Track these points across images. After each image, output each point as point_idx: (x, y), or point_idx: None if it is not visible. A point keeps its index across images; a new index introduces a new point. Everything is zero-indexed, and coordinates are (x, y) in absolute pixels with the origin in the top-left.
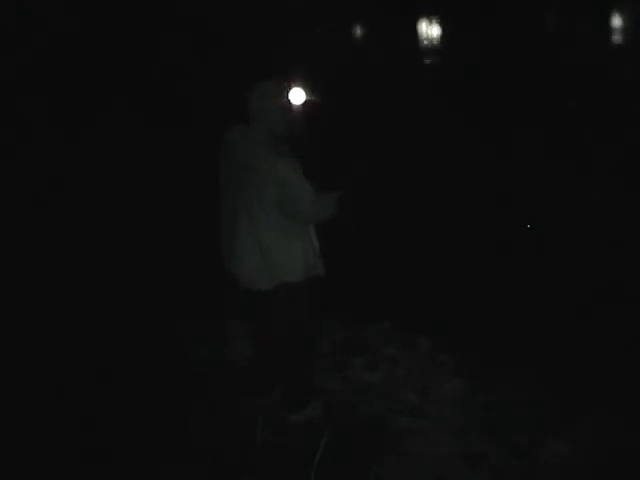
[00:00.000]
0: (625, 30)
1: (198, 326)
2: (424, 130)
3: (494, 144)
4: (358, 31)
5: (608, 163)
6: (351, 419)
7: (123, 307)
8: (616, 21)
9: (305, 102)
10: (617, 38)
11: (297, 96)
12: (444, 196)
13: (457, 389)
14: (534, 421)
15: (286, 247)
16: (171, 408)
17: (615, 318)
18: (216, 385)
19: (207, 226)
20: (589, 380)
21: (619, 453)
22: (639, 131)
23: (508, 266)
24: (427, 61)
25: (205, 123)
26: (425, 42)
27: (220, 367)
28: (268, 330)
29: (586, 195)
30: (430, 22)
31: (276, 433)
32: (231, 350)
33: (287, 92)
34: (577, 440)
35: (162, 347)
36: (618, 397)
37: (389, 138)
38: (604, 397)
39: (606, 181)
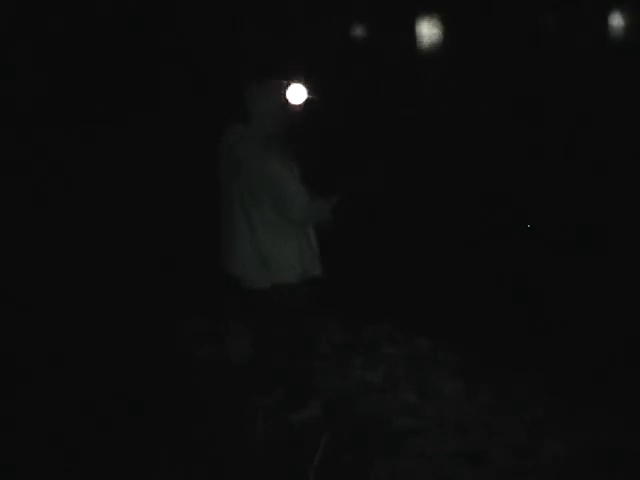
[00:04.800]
0: (625, 30)
1: (198, 326)
2: (423, 130)
3: (492, 144)
4: (358, 31)
5: (607, 163)
6: (351, 419)
7: (123, 307)
8: (616, 21)
9: (305, 101)
10: (617, 37)
11: (297, 95)
12: (444, 197)
13: (457, 389)
14: (534, 421)
15: (282, 247)
16: (171, 408)
17: (614, 318)
18: (216, 384)
19: (207, 226)
20: (589, 380)
21: (619, 453)
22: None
23: (508, 266)
24: (427, 61)
25: (207, 123)
26: (425, 42)
27: (220, 367)
28: (268, 330)
29: (585, 194)
30: (430, 22)
31: (276, 433)
32: (231, 350)
33: (285, 91)
34: (577, 440)
35: (162, 347)
36: (618, 397)
37: (388, 138)
38: (604, 397)
39: (605, 181)
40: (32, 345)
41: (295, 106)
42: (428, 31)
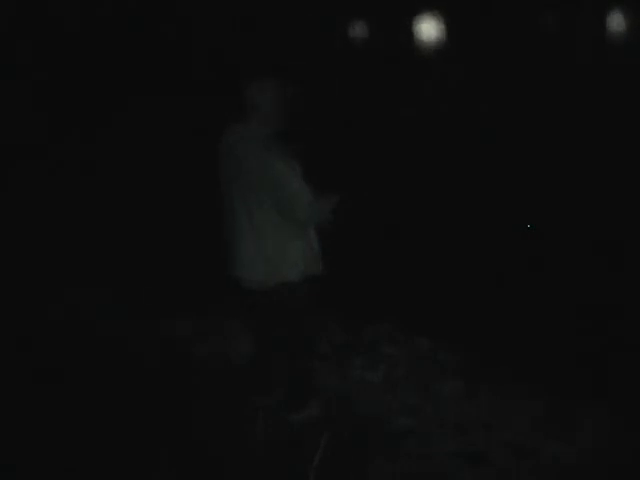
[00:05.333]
0: (625, 30)
1: (198, 326)
2: (423, 131)
3: (493, 146)
4: (358, 31)
5: (607, 163)
6: (351, 419)
7: (123, 307)
8: (616, 21)
9: (303, 99)
10: (617, 38)
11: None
12: (443, 196)
13: (457, 389)
14: (534, 421)
15: (285, 247)
16: (171, 408)
17: (614, 318)
18: (216, 384)
19: (209, 226)
20: (589, 380)
21: (619, 453)
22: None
23: (508, 266)
24: (427, 61)
25: (207, 123)
26: (425, 42)
27: (220, 367)
28: (268, 330)
29: (585, 196)
30: (430, 21)
31: (276, 433)
32: (231, 349)
33: (284, 89)
34: (577, 440)
35: (162, 347)
36: (618, 397)
37: (388, 138)
38: (604, 397)
39: (605, 181)
40: (33, 344)
41: (293, 104)
42: (428, 31)
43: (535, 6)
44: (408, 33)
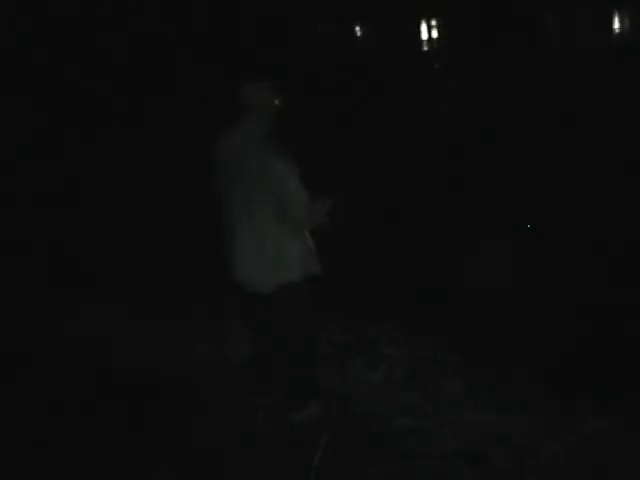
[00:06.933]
0: (625, 30)
1: (198, 326)
2: (423, 129)
3: (493, 145)
4: (358, 31)
5: (607, 162)
6: (351, 419)
7: (123, 307)
8: (616, 21)
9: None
10: (618, 38)
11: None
12: (443, 196)
13: (457, 389)
14: (534, 421)
15: (285, 247)
16: (171, 408)
17: (615, 318)
18: (216, 384)
19: (209, 226)
20: (589, 380)
21: (619, 453)
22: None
23: (508, 265)
24: (428, 61)
25: (207, 124)
26: (425, 42)
27: (220, 367)
28: (268, 330)
29: (585, 194)
30: (430, 22)
31: (276, 433)
32: (231, 350)
33: (282, 89)
34: (577, 440)
35: (161, 347)
36: (618, 397)
37: (388, 138)
38: (604, 397)
39: (605, 181)
40: (32, 344)
41: (290, 105)
42: (428, 31)
43: (535, 6)
44: (408, 33)
